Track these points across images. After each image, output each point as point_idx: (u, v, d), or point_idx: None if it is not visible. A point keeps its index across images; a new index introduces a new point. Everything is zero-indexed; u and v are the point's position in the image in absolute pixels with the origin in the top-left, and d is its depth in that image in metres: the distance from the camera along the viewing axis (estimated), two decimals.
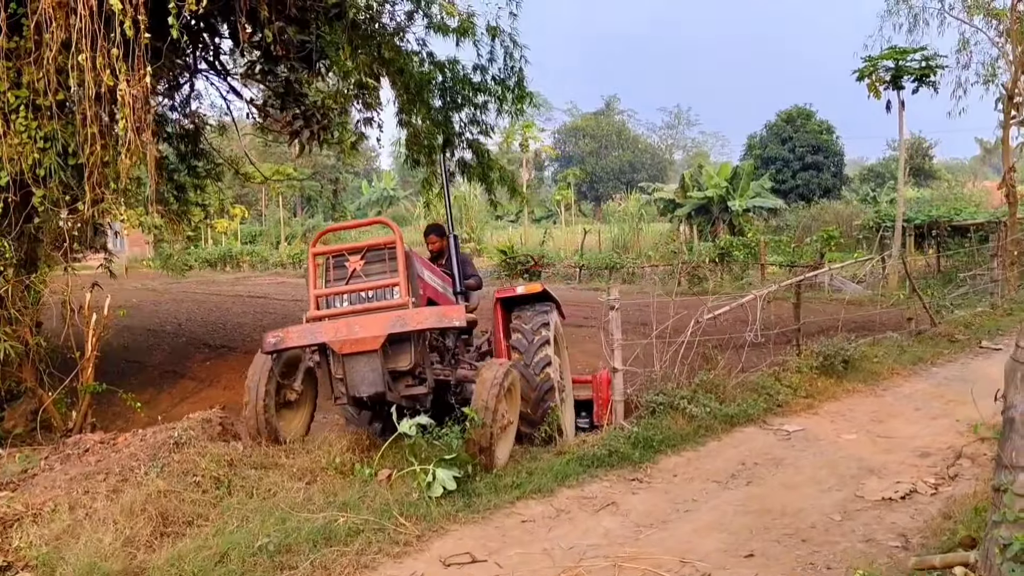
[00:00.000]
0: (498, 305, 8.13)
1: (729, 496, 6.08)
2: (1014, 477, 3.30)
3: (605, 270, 28.58)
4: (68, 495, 5.43)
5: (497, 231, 49.31)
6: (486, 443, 5.96)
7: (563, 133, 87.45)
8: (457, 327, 6.25)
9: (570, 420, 8.21)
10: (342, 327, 6.03)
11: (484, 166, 13.59)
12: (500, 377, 6.14)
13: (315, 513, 5.23)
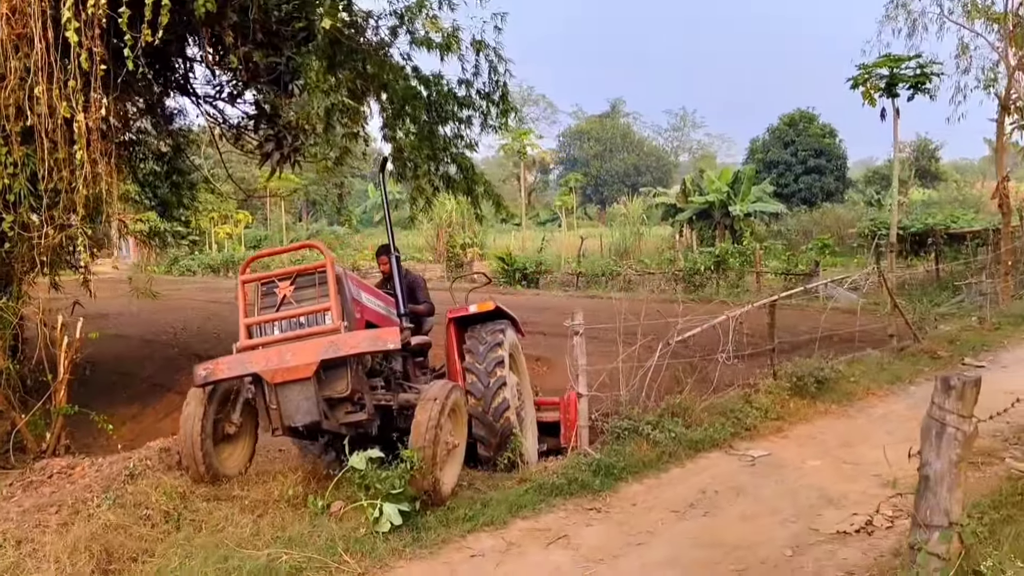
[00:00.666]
0: (451, 325, 8.05)
1: (685, 527, 6.05)
2: (928, 536, 3.29)
3: (603, 277, 28.52)
4: (19, 528, 5.46)
5: (501, 235, 49.25)
6: (428, 485, 5.89)
7: (568, 136, 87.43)
8: (392, 349, 6.10)
9: (532, 443, 8.13)
10: (273, 356, 5.94)
11: (469, 180, 13.56)
12: (436, 415, 5.97)
13: (260, 550, 5.22)
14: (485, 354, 7.51)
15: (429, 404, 6.03)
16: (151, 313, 22.47)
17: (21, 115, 6.85)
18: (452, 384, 6.55)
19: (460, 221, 38.36)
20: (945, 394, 3.21)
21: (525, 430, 7.99)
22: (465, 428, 6.73)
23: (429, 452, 5.83)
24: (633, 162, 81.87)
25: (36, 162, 7.08)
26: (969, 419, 3.17)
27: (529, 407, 8.44)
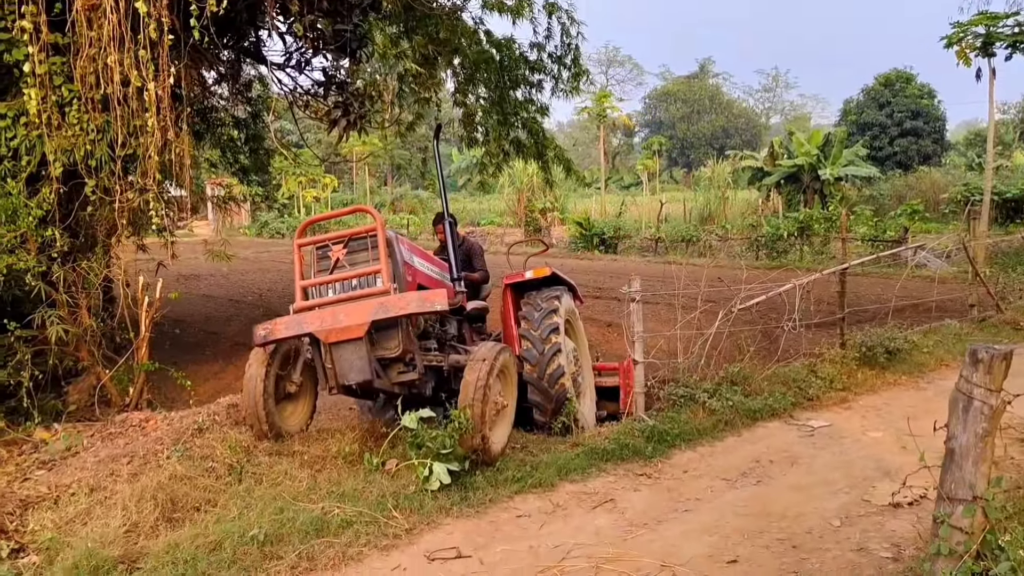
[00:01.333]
0: (507, 291, 8.12)
1: (733, 496, 6.05)
2: (952, 509, 3.24)
3: (683, 242, 28.15)
4: (93, 476, 5.81)
5: (582, 199, 48.99)
6: (477, 443, 6.01)
7: (654, 98, 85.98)
8: (439, 311, 6.18)
9: (589, 408, 8.18)
10: (327, 316, 6.12)
11: (539, 145, 13.61)
12: (484, 375, 6.10)
13: (314, 503, 5.45)
14: (540, 321, 7.56)
15: (478, 364, 6.16)
16: (239, 275, 23.27)
17: (98, 84, 7.17)
18: (501, 346, 6.65)
19: (540, 185, 38.28)
20: (973, 367, 3.13)
21: (582, 395, 8.05)
22: (515, 389, 6.82)
23: (477, 410, 5.96)
24: (721, 124, 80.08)
25: (114, 129, 7.41)
26: (997, 393, 3.09)
27: (587, 373, 8.46)
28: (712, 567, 4.85)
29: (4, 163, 7.34)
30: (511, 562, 4.95)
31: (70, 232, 7.86)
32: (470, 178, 60.04)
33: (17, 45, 7.19)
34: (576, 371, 7.98)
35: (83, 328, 7.96)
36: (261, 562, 4.77)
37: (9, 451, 6.63)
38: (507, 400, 6.64)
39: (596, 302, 14.54)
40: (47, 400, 7.57)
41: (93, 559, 4.58)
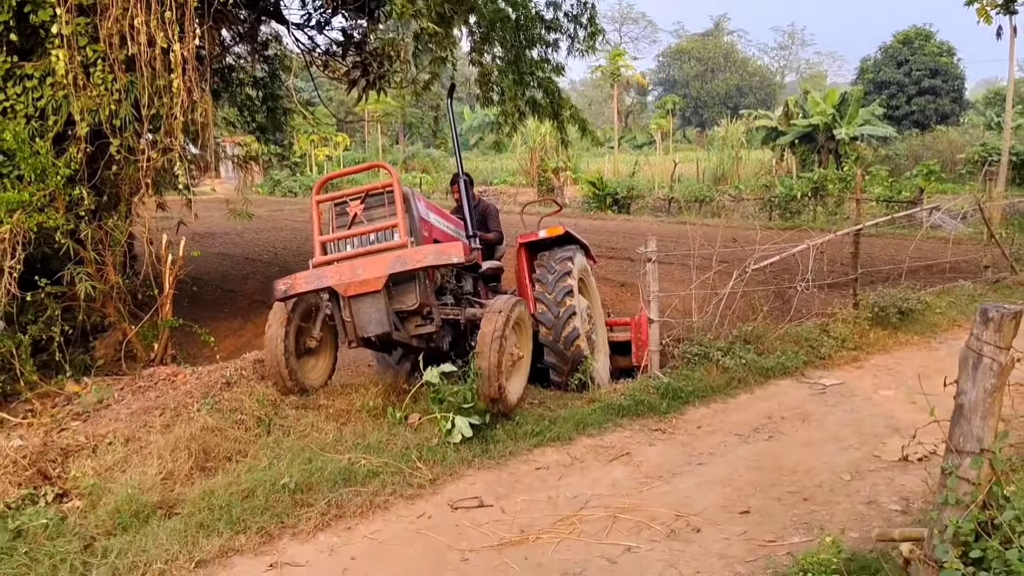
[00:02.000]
0: (521, 250, 8.22)
1: (745, 451, 6.22)
2: (960, 461, 3.37)
3: (696, 202, 28.11)
4: (128, 428, 6.04)
5: (595, 159, 48.78)
6: (494, 392, 6.15)
7: (668, 56, 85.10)
8: (456, 263, 6.30)
9: (604, 364, 8.33)
10: (346, 270, 6.24)
11: (555, 105, 13.59)
12: (501, 326, 6.21)
13: (341, 454, 5.66)
14: (554, 283, 7.66)
15: (494, 316, 6.29)
16: (254, 233, 23.44)
17: (123, 44, 7.26)
18: (517, 299, 6.78)
19: (553, 145, 38.12)
20: (983, 325, 3.25)
21: (596, 352, 8.19)
22: (530, 341, 6.97)
23: (494, 360, 6.08)
24: (736, 83, 79.24)
25: (138, 89, 7.51)
26: (1006, 351, 3.21)
27: (600, 330, 8.58)
28: (725, 517, 5.03)
29: (32, 123, 7.46)
30: (531, 511, 5.14)
31: (96, 191, 7.99)
32: (482, 137, 59.85)
33: (43, 6, 7.28)
34: (590, 329, 8.11)
35: (109, 285, 8.13)
36: (292, 509, 4.98)
37: (43, 403, 6.86)
38: (522, 351, 6.77)
39: (609, 262, 14.66)
40: (76, 355, 7.77)
41: (133, 504, 4.80)
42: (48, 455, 5.43)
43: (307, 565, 4.43)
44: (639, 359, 8.38)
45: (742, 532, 4.79)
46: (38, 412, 6.62)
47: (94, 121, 7.52)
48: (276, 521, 4.81)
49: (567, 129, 14.27)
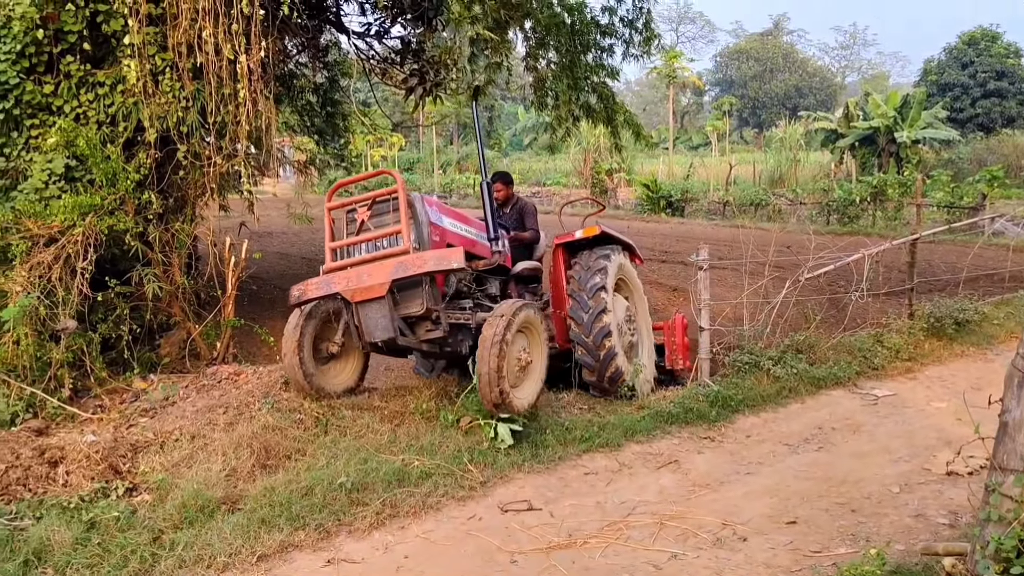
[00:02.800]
0: (558, 250, 8.17)
1: (794, 461, 6.25)
2: (1003, 479, 3.40)
3: (751, 206, 27.82)
4: (193, 425, 6.28)
5: (649, 160, 48.56)
6: (495, 398, 6.05)
7: (725, 56, 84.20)
8: (456, 268, 6.26)
9: (649, 367, 8.26)
10: (353, 276, 6.34)
11: (609, 109, 13.66)
12: (501, 330, 6.07)
13: (395, 455, 5.83)
14: (587, 280, 7.61)
15: (496, 320, 6.19)
16: (311, 233, 23.76)
17: (191, 54, 7.55)
18: (524, 302, 6.65)
19: (607, 146, 38.03)
20: None
21: (641, 355, 8.18)
22: (543, 345, 6.75)
23: (494, 364, 5.96)
24: (795, 83, 78.01)
25: (205, 97, 7.79)
26: None
27: (645, 333, 8.52)
28: (771, 527, 5.08)
29: (103, 129, 7.77)
30: (579, 515, 5.25)
31: (163, 195, 8.29)
32: (536, 137, 59.92)
33: (115, 16, 7.60)
34: (631, 330, 8.02)
35: (175, 285, 8.42)
36: (349, 507, 5.15)
37: (112, 399, 7.15)
38: (532, 356, 6.60)
39: (662, 266, 14.67)
40: (143, 353, 8.05)
41: (199, 499, 5.02)
42: (118, 450, 5.69)
43: (363, 562, 4.59)
44: (671, 362, 8.37)
45: (788, 542, 4.83)
46: (108, 408, 6.91)
47: (162, 127, 7.81)
48: (333, 519, 4.99)
49: (620, 133, 14.33)
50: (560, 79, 13.10)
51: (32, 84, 7.52)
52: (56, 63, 7.59)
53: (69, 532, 4.59)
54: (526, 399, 6.46)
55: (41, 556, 4.43)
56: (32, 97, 7.54)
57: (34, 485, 5.22)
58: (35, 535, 4.54)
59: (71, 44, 7.57)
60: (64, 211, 7.14)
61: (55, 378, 6.85)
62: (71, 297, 7.09)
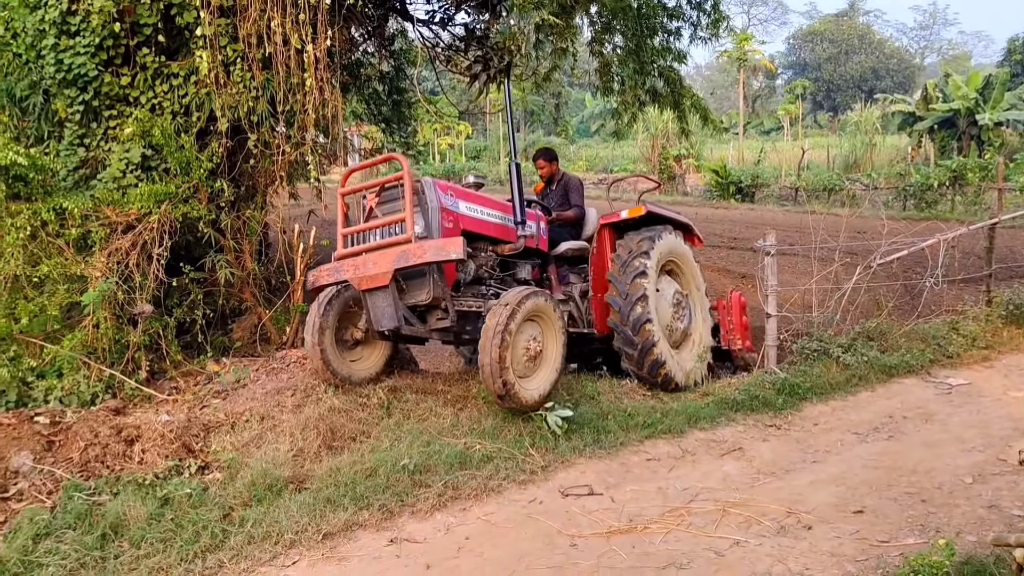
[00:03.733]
0: (603, 231, 7.90)
1: (863, 450, 6.11)
2: None
3: (824, 191, 27.13)
4: (262, 406, 6.46)
5: (719, 146, 47.78)
6: (498, 388, 5.90)
7: (799, 38, 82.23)
8: (454, 259, 6.09)
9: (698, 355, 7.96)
10: (360, 264, 6.34)
11: (676, 94, 13.48)
12: (504, 320, 5.91)
13: (457, 438, 5.90)
14: (626, 264, 7.39)
15: (499, 309, 6.04)
16: None
17: (260, 44, 7.71)
18: (532, 289, 6.44)
19: (675, 132, 37.54)
20: None
21: (694, 344, 7.92)
22: (557, 335, 6.48)
23: (495, 355, 5.82)
24: (871, 65, 75.78)
25: (274, 86, 7.95)
26: None
27: (700, 317, 8.18)
28: (837, 515, 4.98)
29: (177, 119, 8.00)
30: (641, 501, 5.23)
31: (234, 183, 8.50)
32: (603, 124, 59.44)
33: (188, 8, 7.80)
34: (679, 315, 7.83)
35: (246, 271, 8.63)
36: (412, 489, 5.23)
37: (186, 381, 7.38)
38: (543, 346, 6.38)
39: (731, 252, 14.48)
40: (216, 337, 8.28)
41: (268, 478, 5.16)
42: (191, 430, 5.89)
43: (425, 542, 4.67)
44: (728, 342, 8.13)
45: (855, 531, 4.73)
46: (182, 390, 7.15)
47: (233, 117, 7.99)
48: (396, 499, 5.08)
49: (688, 118, 14.13)
50: (626, 64, 12.97)
51: (110, 76, 7.77)
52: (132, 55, 7.83)
53: (144, 508, 4.77)
54: (536, 390, 6.25)
55: (118, 530, 4.62)
56: (110, 89, 7.79)
57: (112, 462, 5.43)
58: (112, 510, 4.73)
59: (146, 36, 7.80)
60: (141, 199, 7.37)
61: (132, 360, 7.09)
62: (148, 282, 7.33)
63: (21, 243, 6.81)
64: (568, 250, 7.84)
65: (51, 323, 6.89)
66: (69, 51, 7.61)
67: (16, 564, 4.30)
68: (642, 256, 7.42)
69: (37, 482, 5.10)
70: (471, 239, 6.78)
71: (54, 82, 7.68)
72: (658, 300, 7.59)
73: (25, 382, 6.64)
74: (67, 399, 6.51)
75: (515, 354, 6.05)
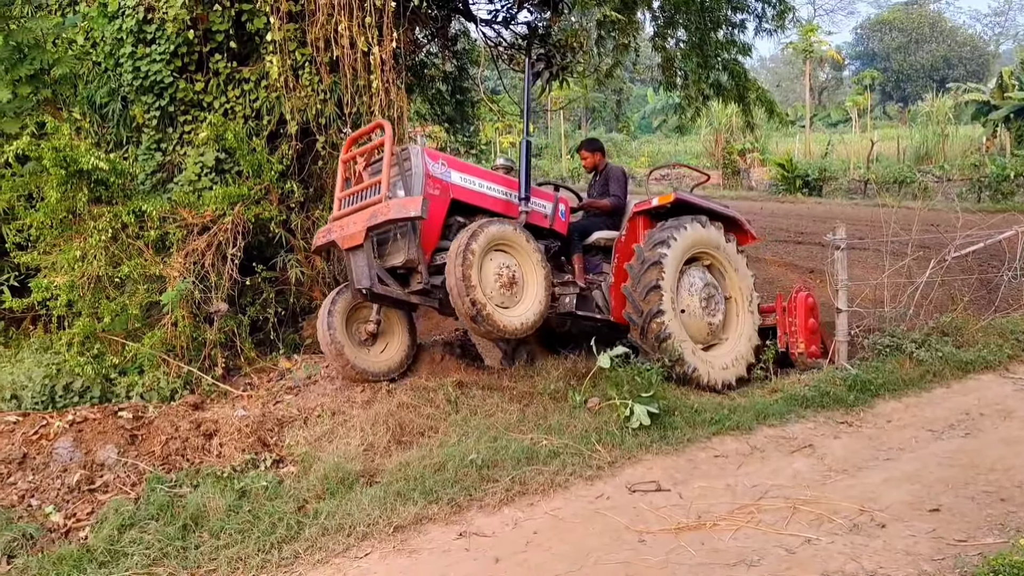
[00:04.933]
0: (637, 221, 7.72)
1: (938, 447, 5.97)
2: None
3: (895, 184, 26.46)
4: (333, 402, 6.62)
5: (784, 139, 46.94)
6: (469, 310, 6.07)
7: (866, 28, 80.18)
8: (413, 216, 6.18)
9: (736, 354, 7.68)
10: (343, 226, 6.59)
11: (741, 87, 13.33)
12: (465, 240, 6.14)
13: (524, 434, 5.94)
14: (642, 254, 7.28)
15: (461, 234, 6.27)
16: None
17: (328, 47, 7.88)
18: (497, 219, 6.61)
19: (739, 125, 36.99)
20: None
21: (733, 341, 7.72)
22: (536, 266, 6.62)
23: (459, 275, 6.04)
24: (943, 54, 73.47)
25: (341, 89, 8.11)
26: None
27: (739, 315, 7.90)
28: (912, 514, 4.88)
29: (249, 123, 8.23)
30: (709, 498, 5.20)
31: (303, 184, 8.70)
32: (665, 119, 58.89)
33: (258, 14, 8.00)
34: (709, 308, 7.61)
35: (316, 270, 8.81)
36: (479, 483, 5.29)
37: (260, 378, 7.58)
38: (518, 275, 6.53)
39: (798, 247, 14.23)
40: (288, 334, 8.49)
41: (339, 471, 5.28)
42: (266, 425, 6.06)
43: (493, 536, 4.72)
44: (791, 345, 7.82)
45: (930, 530, 4.63)
46: (256, 386, 7.35)
47: (302, 120, 8.19)
48: (465, 494, 5.14)
49: (753, 111, 13.96)
50: (689, 58, 12.88)
51: (184, 82, 8.02)
52: (205, 61, 8.08)
53: (223, 500, 4.93)
54: (518, 319, 6.37)
55: (198, 521, 4.78)
56: (184, 95, 8.04)
57: (191, 455, 5.62)
58: (192, 501, 4.90)
59: (219, 43, 8.04)
60: (215, 201, 7.59)
61: (209, 357, 7.32)
62: (222, 282, 7.55)
63: (103, 245, 7.07)
64: (600, 239, 7.76)
65: (132, 322, 7.15)
66: (146, 59, 7.89)
67: (103, 553, 4.49)
68: (661, 246, 7.26)
69: (122, 474, 5.31)
70: (467, 210, 6.94)
71: (132, 89, 7.96)
72: (683, 293, 7.44)
73: (108, 378, 6.92)
74: (148, 395, 6.76)
75: (486, 280, 6.24)
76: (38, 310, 7.48)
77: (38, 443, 5.52)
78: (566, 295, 7.48)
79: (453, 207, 6.83)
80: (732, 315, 7.88)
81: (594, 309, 7.58)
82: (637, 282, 7.21)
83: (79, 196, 7.10)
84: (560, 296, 7.45)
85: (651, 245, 7.31)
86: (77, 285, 6.90)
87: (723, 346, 7.76)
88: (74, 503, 5.00)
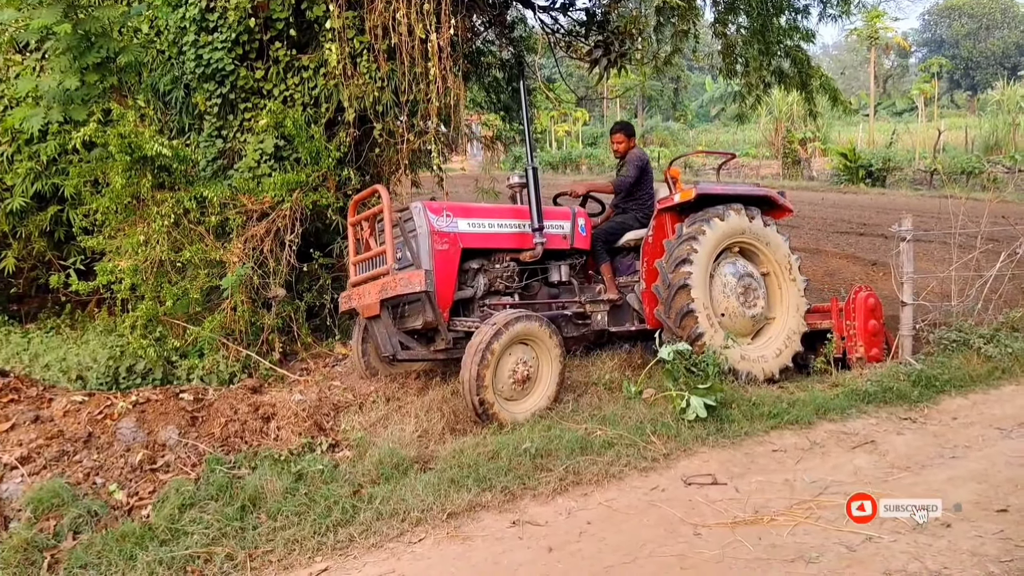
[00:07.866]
0: (662, 217, 7.49)
1: (1007, 446, 5.78)
2: None
3: (962, 175, 25.75)
4: (388, 388, 6.67)
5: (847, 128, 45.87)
6: (475, 404, 5.94)
7: (934, 14, 78.00)
8: (419, 291, 6.18)
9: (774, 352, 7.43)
10: (360, 295, 6.71)
11: (803, 74, 13.02)
12: (488, 339, 5.95)
13: (578, 424, 5.91)
14: (673, 250, 7.09)
15: (485, 328, 6.05)
16: None
17: (386, 35, 7.90)
18: (524, 312, 6.31)
19: (800, 114, 36.27)
20: None
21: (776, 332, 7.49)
22: (554, 361, 6.37)
23: (473, 373, 5.88)
24: (1015, 40, 71.11)
25: (398, 76, 8.13)
26: None
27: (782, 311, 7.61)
28: (979, 514, 4.73)
29: (307, 110, 8.29)
30: (766, 492, 5.11)
31: (360, 171, 8.75)
32: (723, 108, 57.93)
33: (317, 2, 8.05)
34: (750, 301, 7.36)
35: None
36: (533, 472, 5.27)
37: (316, 363, 7.67)
38: (534, 371, 6.31)
39: (860, 239, 13.93)
40: (343, 320, 8.56)
41: (394, 457, 5.31)
42: (322, 409, 6.13)
43: (546, 525, 4.69)
44: (849, 350, 7.46)
45: (998, 531, 4.48)
46: (312, 371, 7.43)
47: (360, 107, 8.22)
48: (518, 482, 5.12)
49: (816, 100, 13.65)
50: (750, 44, 12.61)
51: (245, 70, 8.12)
52: (266, 49, 8.16)
53: (280, 482, 4.98)
54: (521, 415, 6.15)
55: (256, 502, 4.84)
56: (245, 82, 8.14)
57: (250, 438, 5.70)
58: (251, 483, 4.96)
59: (278, 31, 8.11)
60: (274, 188, 7.68)
61: (267, 342, 7.43)
62: (281, 267, 7.65)
63: (165, 230, 7.20)
64: (631, 240, 7.63)
65: (193, 306, 7.27)
66: (208, 47, 8.00)
67: (164, 531, 4.57)
68: (690, 241, 7.06)
69: (182, 455, 5.41)
70: (482, 254, 6.90)
71: (194, 76, 8.08)
72: (718, 296, 7.23)
73: (169, 361, 7.06)
74: (207, 378, 6.89)
75: (500, 376, 6.09)
76: (103, 293, 7.65)
77: (102, 423, 5.65)
78: (597, 312, 7.46)
79: (465, 254, 6.75)
80: (774, 289, 7.62)
81: (628, 319, 7.53)
82: (667, 280, 7.06)
83: (143, 182, 7.23)
84: (592, 313, 7.46)
85: (680, 242, 7.11)
86: (140, 269, 7.04)
87: (773, 326, 7.57)
88: (137, 482, 5.10)
